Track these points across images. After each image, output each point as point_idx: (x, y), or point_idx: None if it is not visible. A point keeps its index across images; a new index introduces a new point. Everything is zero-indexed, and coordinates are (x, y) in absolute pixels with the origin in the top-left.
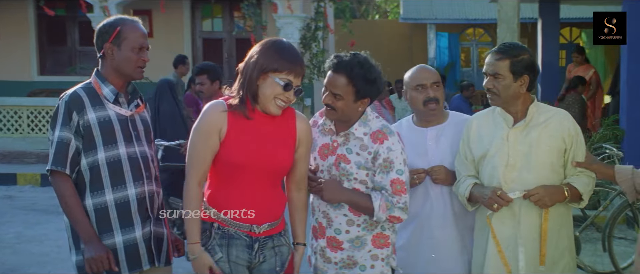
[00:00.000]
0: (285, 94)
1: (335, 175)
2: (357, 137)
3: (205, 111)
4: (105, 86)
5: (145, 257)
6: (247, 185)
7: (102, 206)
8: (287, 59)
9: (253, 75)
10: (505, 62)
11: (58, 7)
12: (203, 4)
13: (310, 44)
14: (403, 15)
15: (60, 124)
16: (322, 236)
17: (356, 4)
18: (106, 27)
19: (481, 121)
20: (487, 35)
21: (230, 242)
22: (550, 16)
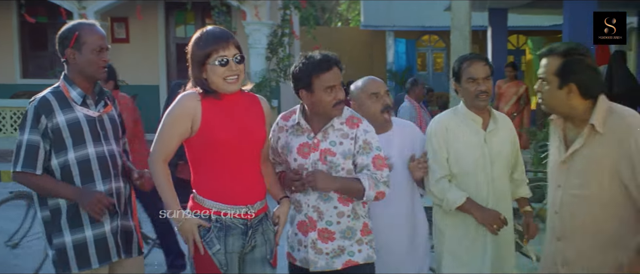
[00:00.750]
0: (227, 69)
1: (320, 168)
2: (336, 128)
3: (180, 98)
4: (73, 89)
5: (114, 250)
6: (234, 165)
7: (74, 203)
8: (210, 40)
9: (196, 73)
10: None
11: (40, 14)
12: (176, 11)
13: (277, 49)
14: (364, 22)
15: (29, 127)
16: (313, 229)
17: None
18: (65, 33)
19: (451, 122)
20: (442, 41)
21: (227, 232)
22: (499, 24)
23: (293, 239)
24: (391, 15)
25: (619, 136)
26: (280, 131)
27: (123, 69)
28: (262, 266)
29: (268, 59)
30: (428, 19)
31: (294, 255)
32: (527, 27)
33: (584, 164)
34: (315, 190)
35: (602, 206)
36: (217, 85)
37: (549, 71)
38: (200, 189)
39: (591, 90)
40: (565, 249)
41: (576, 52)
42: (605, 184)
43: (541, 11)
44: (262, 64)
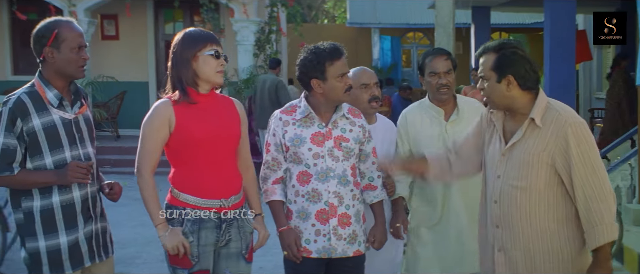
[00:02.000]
0: (219, 61)
1: (337, 156)
2: (344, 118)
3: (154, 108)
4: (49, 90)
5: (87, 255)
6: (209, 161)
7: (49, 207)
8: (202, 35)
9: (186, 65)
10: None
11: (30, 11)
12: (165, 8)
13: (265, 46)
14: (349, 19)
15: (4, 130)
16: (334, 216)
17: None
18: (43, 31)
19: (414, 115)
20: (426, 38)
21: (201, 226)
22: (482, 22)
23: (309, 231)
24: (376, 12)
25: (556, 131)
26: (285, 125)
27: (112, 65)
28: (237, 260)
29: (256, 56)
30: (413, 16)
31: (309, 248)
32: (509, 25)
33: (522, 156)
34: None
35: (539, 197)
36: (208, 76)
37: (486, 67)
38: (176, 183)
39: (528, 81)
40: (502, 236)
41: (508, 45)
42: (542, 176)
43: (523, 9)
44: (249, 61)
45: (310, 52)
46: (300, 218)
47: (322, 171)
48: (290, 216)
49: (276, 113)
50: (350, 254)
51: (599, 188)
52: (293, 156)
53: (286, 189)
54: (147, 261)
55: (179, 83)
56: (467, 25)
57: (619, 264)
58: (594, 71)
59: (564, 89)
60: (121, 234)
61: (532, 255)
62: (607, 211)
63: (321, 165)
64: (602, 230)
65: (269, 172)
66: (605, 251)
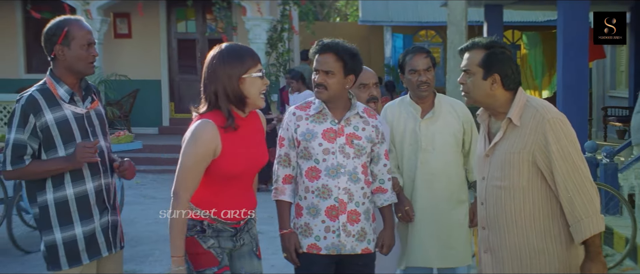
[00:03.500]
0: (263, 81)
1: (348, 153)
2: (358, 116)
3: (200, 133)
4: (61, 86)
5: (104, 245)
6: (237, 189)
7: (63, 200)
8: (249, 54)
9: (234, 85)
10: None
11: (43, 9)
12: (178, 7)
13: (277, 44)
14: (362, 17)
15: (16, 126)
16: (343, 212)
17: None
18: (53, 30)
19: (393, 110)
20: (438, 36)
21: (219, 234)
22: (495, 19)
23: (318, 228)
24: (389, 10)
25: (534, 127)
26: (298, 120)
27: (125, 63)
28: (250, 258)
29: (268, 54)
30: (425, 14)
31: (318, 245)
32: (522, 23)
33: (503, 156)
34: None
35: (523, 196)
36: (254, 99)
37: (473, 62)
38: (197, 201)
39: (512, 81)
40: (489, 237)
41: (499, 44)
42: (524, 175)
43: (536, 7)
44: (262, 59)
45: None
46: (310, 214)
47: (332, 167)
48: (301, 212)
49: (291, 108)
50: (359, 252)
51: (581, 182)
52: (303, 151)
53: (297, 186)
54: (159, 258)
55: (222, 104)
56: (480, 23)
57: (633, 263)
58: (608, 69)
59: (577, 87)
60: (135, 231)
61: (519, 255)
62: (590, 203)
63: (331, 161)
64: (588, 223)
65: (279, 168)
66: (595, 244)
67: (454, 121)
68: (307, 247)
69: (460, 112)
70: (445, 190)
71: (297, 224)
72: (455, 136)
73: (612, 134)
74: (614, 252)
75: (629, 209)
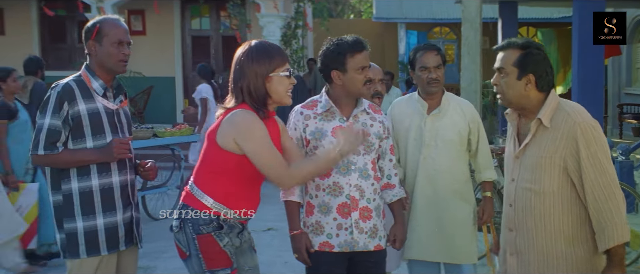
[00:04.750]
0: (290, 80)
1: (358, 150)
2: (364, 112)
3: (254, 120)
4: (95, 80)
5: (123, 239)
6: (254, 183)
7: (87, 190)
8: (278, 53)
9: (259, 84)
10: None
11: (58, 7)
12: (192, 4)
13: (291, 41)
14: (376, 14)
15: (51, 112)
16: (355, 209)
17: (333, 4)
18: (89, 27)
19: (400, 106)
20: (453, 33)
21: (231, 231)
22: (509, 16)
23: (330, 226)
24: (403, 7)
25: (566, 132)
26: (306, 119)
27: (139, 60)
28: (250, 253)
29: None
30: (439, 11)
31: (331, 242)
32: (536, 19)
33: (534, 159)
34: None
35: (553, 200)
36: (281, 97)
37: (508, 62)
38: (217, 194)
39: (546, 83)
40: (516, 239)
41: (534, 45)
42: (555, 179)
43: (550, 3)
44: None
45: (332, 43)
46: (321, 212)
47: (343, 164)
48: (312, 210)
49: (297, 108)
50: (372, 248)
51: (609, 189)
52: (314, 150)
53: (307, 184)
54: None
55: (253, 100)
56: (495, 20)
57: None
58: (624, 66)
59: (593, 84)
60: (149, 227)
61: (546, 258)
62: (617, 211)
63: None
64: (612, 231)
65: None
66: (619, 253)
67: (460, 120)
68: (319, 245)
69: (466, 111)
70: (448, 187)
71: (308, 223)
72: (460, 134)
73: (628, 132)
74: (629, 250)
75: None
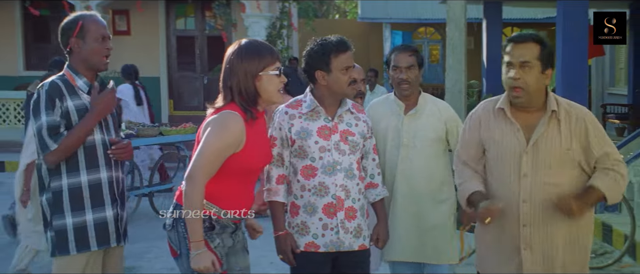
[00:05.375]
0: (281, 79)
1: (343, 149)
2: (349, 112)
3: (230, 122)
4: (79, 78)
5: (114, 236)
6: (248, 182)
7: (77, 186)
8: (268, 52)
9: (248, 83)
10: None
11: (42, 7)
12: (177, 4)
13: (276, 41)
14: (361, 14)
15: (45, 109)
16: (341, 209)
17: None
18: (69, 24)
19: (378, 107)
20: (437, 33)
21: (223, 231)
22: (494, 17)
23: (316, 226)
24: (388, 7)
25: (577, 126)
26: (291, 119)
27: (124, 60)
28: (243, 254)
29: None
30: (424, 11)
31: (317, 243)
32: (521, 20)
33: (550, 152)
34: None
35: (570, 191)
36: (271, 95)
37: (533, 56)
38: (207, 193)
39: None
40: (531, 235)
41: (547, 40)
42: (574, 171)
43: (535, 4)
44: None
45: (316, 44)
46: (307, 213)
47: (328, 164)
48: (297, 211)
49: (281, 108)
50: (356, 248)
51: (616, 153)
52: (298, 150)
53: (291, 185)
54: (158, 255)
55: (236, 99)
56: (479, 20)
57: (632, 260)
58: (607, 66)
59: (577, 84)
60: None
61: (558, 247)
62: (623, 167)
63: (327, 158)
64: (614, 176)
65: (273, 167)
66: (597, 196)
67: (436, 120)
68: (305, 245)
69: (443, 111)
70: (426, 187)
71: (293, 224)
72: (437, 134)
73: (611, 132)
74: (612, 249)
75: (628, 207)
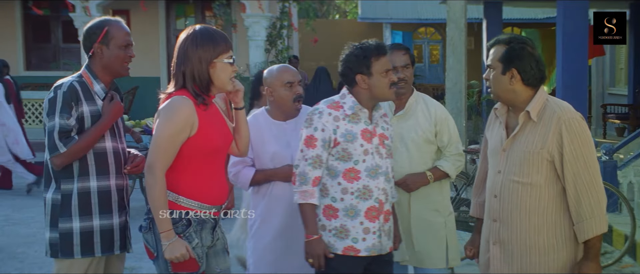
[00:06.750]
0: (233, 68)
1: (382, 153)
2: (382, 116)
3: (178, 107)
4: (97, 83)
5: (118, 243)
6: (216, 168)
7: (86, 191)
8: (222, 39)
9: (203, 69)
10: None
11: (42, 7)
12: (177, 3)
13: (276, 41)
14: (361, 15)
15: (60, 112)
16: (382, 213)
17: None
18: (94, 29)
19: None
20: (438, 33)
21: (203, 227)
22: (494, 17)
23: (356, 230)
24: (388, 8)
25: (552, 127)
26: (336, 121)
27: None
28: (223, 255)
29: (267, 51)
30: (424, 11)
31: (356, 247)
32: (521, 20)
33: (522, 152)
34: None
35: (539, 193)
36: (223, 83)
37: (494, 58)
38: (178, 187)
39: (531, 77)
40: (500, 230)
41: (519, 40)
42: (542, 173)
43: (535, 4)
44: (261, 56)
45: (356, 47)
46: (348, 216)
47: (372, 167)
48: (335, 214)
49: (323, 108)
50: (388, 250)
51: (590, 183)
52: (341, 152)
53: (327, 188)
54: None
55: (188, 85)
56: (479, 20)
57: (632, 260)
58: (607, 66)
59: (577, 84)
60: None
61: (529, 249)
62: (596, 205)
63: (370, 162)
64: (592, 223)
65: (310, 169)
66: (595, 246)
67: (425, 121)
68: (344, 249)
69: (433, 112)
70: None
71: (330, 227)
72: (425, 136)
73: (612, 132)
74: (613, 249)
75: (628, 207)
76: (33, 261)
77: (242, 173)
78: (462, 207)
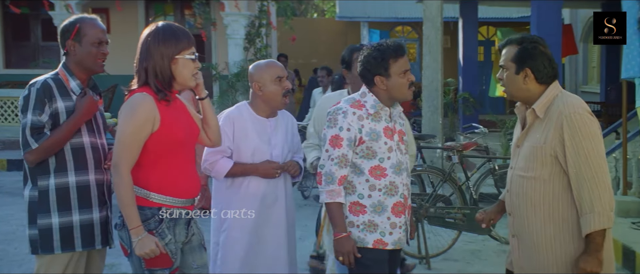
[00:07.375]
0: (195, 64)
1: (402, 149)
2: (399, 112)
3: (137, 103)
4: (73, 79)
5: (99, 238)
6: (184, 162)
7: (64, 186)
8: (184, 36)
9: (165, 65)
10: None
11: (22, 5)
12: (156, 2)
13: (255, 39)
14: (339, 13)
15: (32, 108)
16: (406, 207)
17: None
18: (67, 26)
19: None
20: (415, 32)
21: (176, 223)
22: (470, 16)
23: (384, 224)
24: (365, 6)
25: (554, 122)
26: (360, 120)
27: None
28: (199, 251)
29: (246, 50)
30: (401, 10)
31: (385, 240)
32: (496, 19)
33: (528, 147)
34: None
35: (544, 187)
36: (185, 79)
37: (508, 58)
38: (148, 184)
39: (545, 75)
40: (513, 223)
41: (530, 40)
42: (547, 168)
43: (510, 3)
44: (240, 55)
45: (373, 49)
46: (376, 212)
47: (396, 164)
48: (363, 210)
49: (347, 108)
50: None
51: (591, 177)
52: (366, 150)
53: (354, 185)
54: None
55: (156, 81)
56: (455, 19)
57: None
58: (580, 64)
59: None
60: None
61: (537, 242)
62: (597, 199)
63: (394, 159)
64: (592, 218)
65: (336, 169)
66: (595, 241)
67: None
68: (374, 242)
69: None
70: None
71: (357, 222)
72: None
73: None
74: None
75: None
76: (12, 259)
77: (220, 163)
78: (439, 203)
